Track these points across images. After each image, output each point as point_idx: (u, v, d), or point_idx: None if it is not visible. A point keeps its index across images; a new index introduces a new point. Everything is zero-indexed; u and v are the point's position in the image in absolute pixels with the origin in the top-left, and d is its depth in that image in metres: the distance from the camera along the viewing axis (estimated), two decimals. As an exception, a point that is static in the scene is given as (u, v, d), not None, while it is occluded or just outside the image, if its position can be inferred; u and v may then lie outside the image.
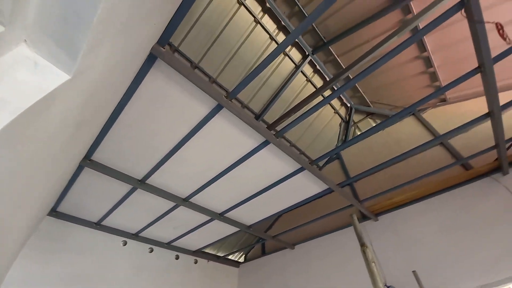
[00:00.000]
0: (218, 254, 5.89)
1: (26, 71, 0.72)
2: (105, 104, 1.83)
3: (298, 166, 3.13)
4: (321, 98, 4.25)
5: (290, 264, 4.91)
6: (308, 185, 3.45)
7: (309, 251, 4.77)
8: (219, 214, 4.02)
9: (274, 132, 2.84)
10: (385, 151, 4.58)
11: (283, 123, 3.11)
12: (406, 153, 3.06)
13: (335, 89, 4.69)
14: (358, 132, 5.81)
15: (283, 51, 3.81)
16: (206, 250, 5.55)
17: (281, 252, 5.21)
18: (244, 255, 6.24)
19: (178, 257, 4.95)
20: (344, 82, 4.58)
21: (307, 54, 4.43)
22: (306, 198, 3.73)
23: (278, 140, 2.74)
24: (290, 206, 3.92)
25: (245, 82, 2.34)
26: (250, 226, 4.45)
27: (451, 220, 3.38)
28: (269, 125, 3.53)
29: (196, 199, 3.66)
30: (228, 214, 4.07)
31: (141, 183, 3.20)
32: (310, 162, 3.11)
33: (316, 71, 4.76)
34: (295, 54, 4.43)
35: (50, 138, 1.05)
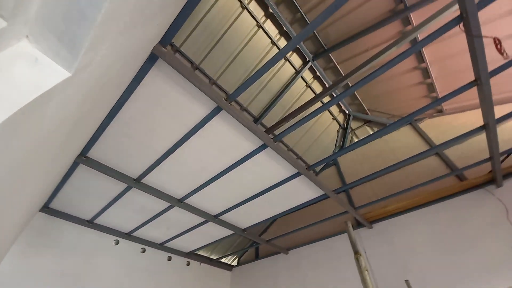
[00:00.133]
0: (211, 256, 5.84)
1: (26, 67, 0.72)
2: (103, 101, 1.82)
3: (295, 170, 3.13)
4: (320, 104, 4.29)
5: (283, 269, 4.88)
6: (304, 190, 3.45)
7: (302, 257, 4.75)
8: (214, 216, 3.99)
9: (272, 136, 2.85)
10: (381, 159, 4.61)
11: (282, 128, 3.12)
12: (402, 162, 3.08)
13: (334, 95, 4.73)
14: (356, 139, 5.84)
15: (284, 56, 3.84)
16: (199, 252, 5.50)
17: (274, 256, 5.18)
18: (237, 259, 6.20)
19: (170, 258, 4.90)
20: (343, 89, 4.62)
21: (308, 60, 4.47)
22: (302, 203, 3.73)
23: (275, 144, 2.74)
24: (286, 211, 3.92)
25: (245, 85, 2.35)
26: (244, 229, 4.43)
27: (445, 230, 3.40)
28: (267, 128, 3.54)
29: (191, 200, 3.64)
30: (223, 217, 4.05)
31: (136, 182, 3.18)
32: (307, 167, 3.12)
33: (316, 77, 4.80)
34: (296, 60, 4.47)
35: (47, 134, 1.04)
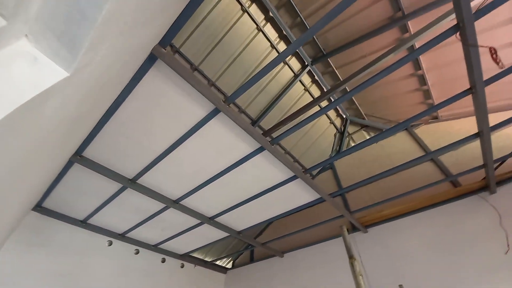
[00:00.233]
0: (206, 259, 5.80)
1: (24, 66, 0.71)
2: (102, 101, 1.81)
3: (291, 174, 3.14)
4: (317, 108, 4.31)
5: (278, 272, 4.87)
6: (300, 193, 3.45)
7: (297, 260, 4.74)
8: (209, 218, 3.97)
9: (270, 138, 2.85)
10: (377, 164, 4.64)
11: (279, 131, 3.13)
12: (397, 167, 3.11)
13: (332, 100, 4.77)
14: (352, 143, 5.88)
15: (283, 60, 3.87)
16: (193, 254, 5.46)
17: (269, 260, 5.16)
18: (232, 261, 6.16)
19: (164, 260, 4.85)
20: (341, 94, 4.66)
21: (306, 64, 4.50)
22: (298, 206, 3.73)
23: (273, 147, 2.75)
24: (281, 214, 3.91)
25: (243, 88, 2.36)
26: (240, 232, 4.41)
27: (439, 235, 3.43)
28: (265, 131, 3.55)
29: (186, 202, 3.62)
30: (218, 219, 4.03)
31: (131, 183, 3.15)
32: (304, 171, 3.13)
33: (314, 81, 4.84)
34: (295, 64, 4.50)
35: (45, 134, 1.03)
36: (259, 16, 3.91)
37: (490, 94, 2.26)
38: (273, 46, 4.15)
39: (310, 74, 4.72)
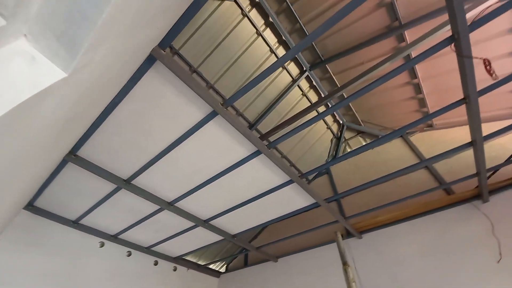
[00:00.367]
0: (199, 262, 5.73)
1: (23, 65, 0.71)
2: (98, 101, 1.80)
3: (287, 178, 3.14)
4: (315, 113, 4.34)
5: (272, 277, 4.83)
6: (296, 198, 3.45)
7: (291, 265, 4.72)
8: (204, 221, 3.94)
9: (267, 142, 2.86)
10: (373, 170, 4.68)
11: (276, 135, 3.14)
12: (393, 173, 3.13)
13: (329, 105, 4.81)
14: (349, 149, 5.93)
15: (282, 65, 3.91)
16: (187, 258, 5.39)
17: (263, 264, 5.13)
18: (225, 265, 6.11)
19: (157, 263, 4.79)
20: (338, 99, 4.71)
21: (305, 69, 4.54)
22: (293, 211, 3.73)
23: (269, 150, 2.75)
24: (277, 218, 3.91)
25: (242, 91, 2.37)
26: (234, 236, 4.38)
27: (432, 242, 3.45)
28: (262, 135, 3.55)
29: (181, 204, 3.59)
30: (213, 222, 4.00)
31: (126, 183, 3.12)
32: (300, 175, 3.13)
33: (312, 87, 4.88)
34: (293, 69, 4.54)
35: (40, 132, 1.02)
36: (259, 21, 3.95)
37: (483, 104, 2.31)
38: (272, 51, 4.19)
39: (308, 79, 4.76)
